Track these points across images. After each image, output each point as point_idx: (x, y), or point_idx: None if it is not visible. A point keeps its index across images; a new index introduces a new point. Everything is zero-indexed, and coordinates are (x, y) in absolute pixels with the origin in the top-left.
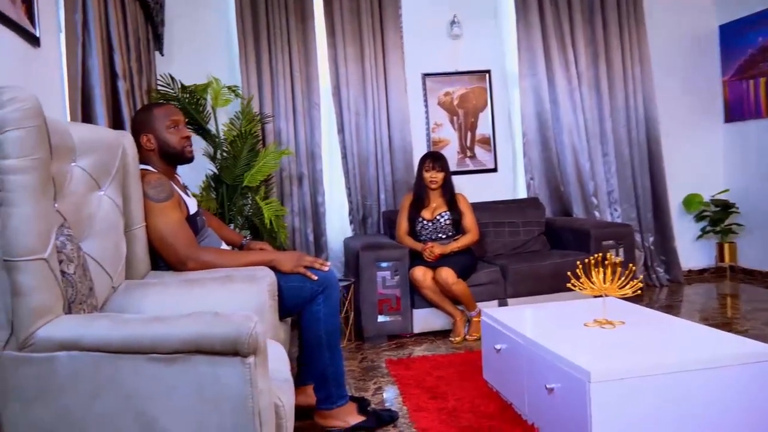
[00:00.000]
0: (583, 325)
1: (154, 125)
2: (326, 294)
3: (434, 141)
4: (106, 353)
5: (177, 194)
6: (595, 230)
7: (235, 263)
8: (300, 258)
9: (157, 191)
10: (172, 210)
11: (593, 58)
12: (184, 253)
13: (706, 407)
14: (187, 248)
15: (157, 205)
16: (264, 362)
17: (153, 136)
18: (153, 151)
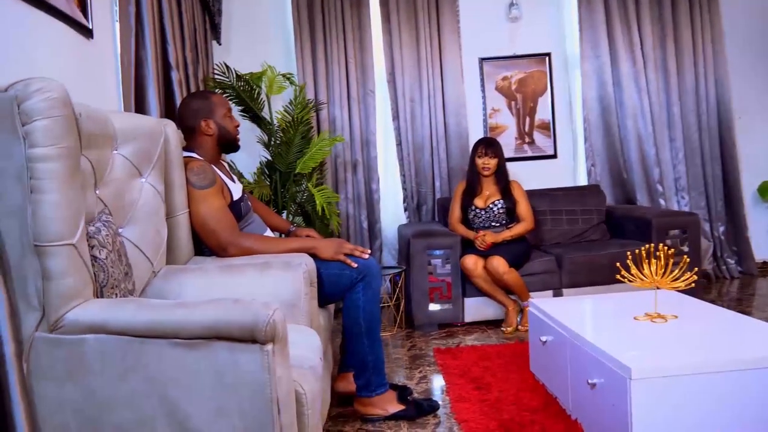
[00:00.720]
0: (633, 319)
1: (214, 112)
2: (366, 282)
3: (491, 127)
4: (132, 337)
5: (220, 181)
6: (657, 219)
7: (275, 249)
8: (340, 245)
9: (200, 178)
10: (214, 197)
11: (660, 38)
12: (225, 239)
13: (759, 409)
14: (228, 234)
15: (199, 192)
16: (283, 350)
17: (213, 122)
18: (211, 136)
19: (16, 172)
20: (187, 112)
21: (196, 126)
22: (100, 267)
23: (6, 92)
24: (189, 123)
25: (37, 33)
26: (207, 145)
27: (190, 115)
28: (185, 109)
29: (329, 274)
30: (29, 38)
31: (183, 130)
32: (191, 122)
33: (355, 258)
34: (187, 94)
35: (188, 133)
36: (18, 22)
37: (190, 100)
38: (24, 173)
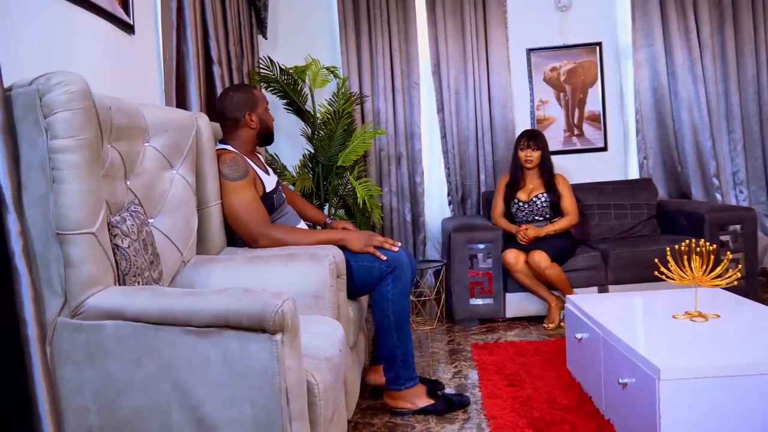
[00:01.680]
0: (672, 318)
1: (257, 105)
2: (395, 274)
3: (539, 119)
4: (146, 324)
5: (252, 173)
6: (709, 214)
7: (304, 241)
8: (370, 237)
9: (232, 170)
10: (246, 188)
11: (718, 24)
12: (256, 230)
13: None
14: (259, 225)
15: (231, 184)
16: (293, 340)
17: (255, 115)
18: (254, 129)
19: (40, 162)
20: (231, 104)
21: (240, 118)
22: (123, 255)
23: (30, 86)
24: (232, 115)
25: (79, 30)
26: (246, 137)
27: (234, 107)
28: (228, 101)
29: (359, 267)
30: (72, 36)
31: (221, 122)
32: (234, 114)
33: (385, 251)
34: (228, 87)
35: (227, 125)
36: (61, 20)
37: (233, 93)
38: (47, 164)
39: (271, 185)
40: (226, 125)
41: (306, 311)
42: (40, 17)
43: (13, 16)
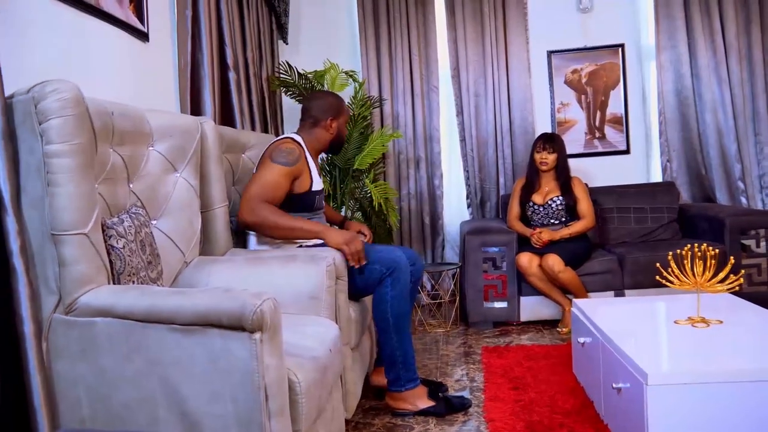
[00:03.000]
0: (674, 323)
1: (341, 116)
2: (394, 277)
3: (559, 122)
4: (135, 321)
5: (300, 169)
6: (730, 219)
7: (286, 224)
8: (350, 240)
9: (281, 155)
10: (280, 173)
11: (745, 25)
12: (246, 203)
13: None
14: (252, 199)
15: (270, 163)
16: (273, 339)
17: (336, 124)
18: (330, 135)
19: (37, 166)
20: (319, 105)
21: (321, 120)
22: (118, 255)
23: (27, 94)
24: (316, 114)
25: (94, 39)
26: (320, 138)
27: (321, 108)
28: (318, 101)
29: (359, 267)
30: (87, 45)
31: (303, 115)
32: (320, 115)
33: (384, 254)
34: (324, 90)
35: (308, 121)
36: (76, 30)
37: (327, 96)
38: (42, 168)
39: (318, 186)
40: (307, 120)
41: (303, 312)
42: (56, 28)
43: (29, 28)
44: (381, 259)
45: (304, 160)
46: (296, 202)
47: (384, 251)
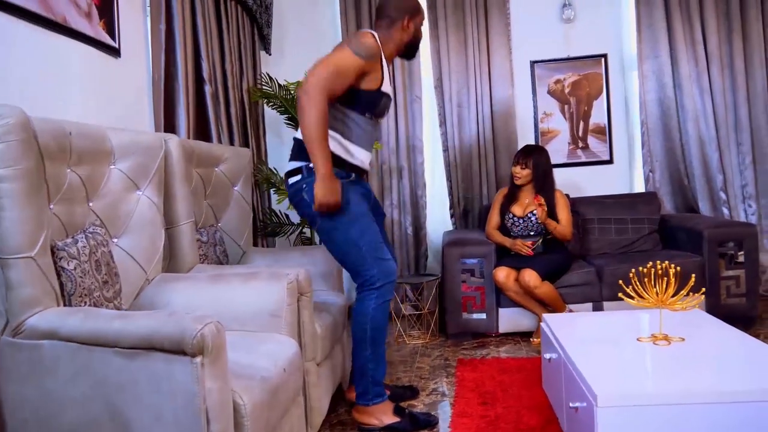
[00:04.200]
0: (636, 340)
1: (418, 16)
2: (382, 291)
3: (543, 132)
4: (79, 344)
5: (373, 65)
6: (708, 230)
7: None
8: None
9: (359, 47)
10: (351, 61)
11: (726, 35)
12: (308, 83)
13: None
14: (313, 82)
15: (346, 49)
16: (215, 362)
17: (413, 24)
18: (406, 34)
19: None
20: (398, 3)
21: (398, 19)
22: (68, 277)
23: None
24: (391, 13)
25: (62, 57)
26: (395, 39)
27: (397, 7)
28: (396, 0)
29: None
30: (55, 63)
31: (378, 15)
32: (394, 13)
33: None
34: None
35: (383, 21)
36: (43, 49)
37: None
38: None
39: (387, 89)
40: (382, 21)
41: (263, 329)
42: (20, 48)
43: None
44: (381, 266)
45: (377, 59)
46: (361, 99)
47: (388, 258)
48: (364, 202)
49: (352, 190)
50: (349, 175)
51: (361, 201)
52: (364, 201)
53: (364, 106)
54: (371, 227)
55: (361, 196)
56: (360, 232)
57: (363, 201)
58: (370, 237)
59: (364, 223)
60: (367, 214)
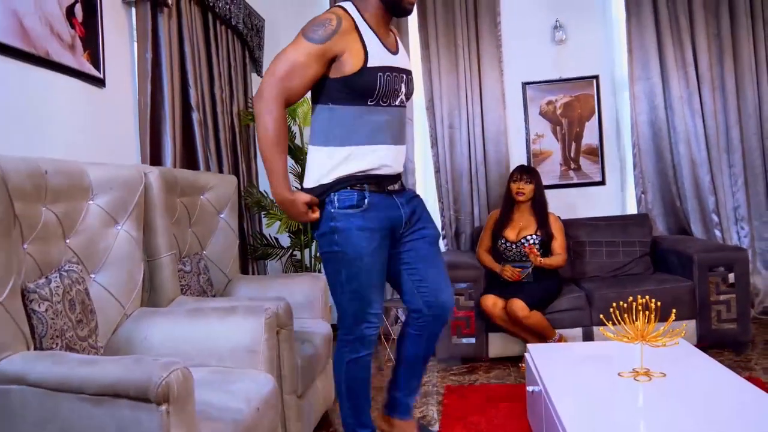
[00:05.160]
0: (617, 375)
1: None
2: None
3: (534, 153)
4: (47, 390)
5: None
6: (699, 255)
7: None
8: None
9: (311, 30)
10: (303, 51)
11: (717, 56)
12: (262, 85)
13: None
14: (267, 84)
15: (299, 38)
16: (182, 410)
17: None
18: None
19: None
20: None
21: None
22: (39, 320)
23: None
24: None
25: (44, 91)
26: (372, 1)
27: None
28: None
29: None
30: (38, 97)
31: None
32: None
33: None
34: None
35: None
36: (25, 83)
37: None
38: None
39: (380, 61)
40: None
41: (241, 365)
42: (3, 83)
43: None
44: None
45: (348, 32)
46: (345, 88)
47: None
48: (372, 236)
49: (353, 225)
50: (358, 197)
51: (363, 238)
52: (370, 235)
53: (356, 94)
54: (366, 273)
55: (370, 229)
56: (347, 278)
57: (368, 236)
58: (358, 285)
59: (356, 269)
60: (369, 256)
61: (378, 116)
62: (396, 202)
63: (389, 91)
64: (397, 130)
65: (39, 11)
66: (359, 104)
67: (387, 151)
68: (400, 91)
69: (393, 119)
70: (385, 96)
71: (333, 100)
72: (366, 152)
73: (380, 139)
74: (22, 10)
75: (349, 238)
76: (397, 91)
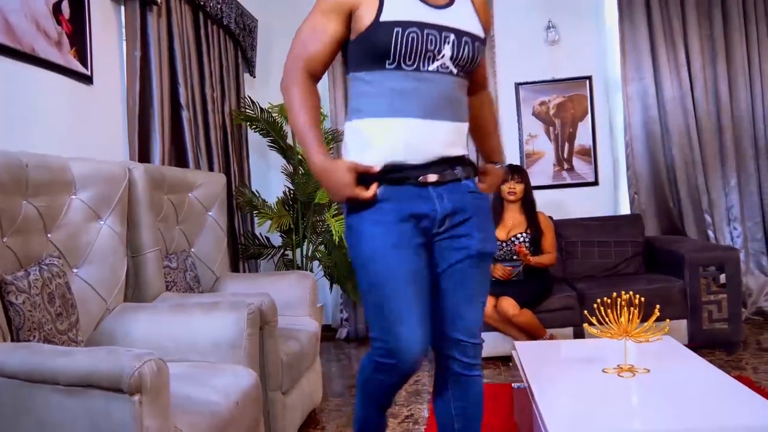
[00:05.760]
0: (602, 371)
1: None
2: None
3: (527, 153)
4: (21, 381)
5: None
6: (690, 254)
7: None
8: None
9: None
10: (316, 8)
11: (710, 57)
12: (285, 69)
13: None
14: (288, 58)
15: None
16: (155, 400)
17: None
18: None
19: None
20: None
21: None
22: (16, 312)
23: None
24: None
25: (31, 87)
26: None
27: None
28: None
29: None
30: (23, 94)
31: None
32: None
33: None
34: None
35: None
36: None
37: None
38: None
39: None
40: None
41: (223, 360)
42: None
43: None
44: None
45: None
46: (363, 50)
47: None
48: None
49: (365, 220)
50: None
51: (377, 235)
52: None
53: (372, 56)
54: (387, 279)
55: (385, 224)
56: (368, 284)
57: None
58: (379, 296)
59: (373, 275)
60: (387, 257)
61: (400, 83)
62: (430, 192)
63: (417, 51)
64: (435, 102)
65: (25, 8)
66: (377, 68)
67: (414, 126)
68: (440, 54)
69: (426, 88)
70: (408, 57)
71: (353, 67)
72: (383, 127)
73: (403, 110)
74: (8, 7)
75: (361, 236)
76: (434, 52)
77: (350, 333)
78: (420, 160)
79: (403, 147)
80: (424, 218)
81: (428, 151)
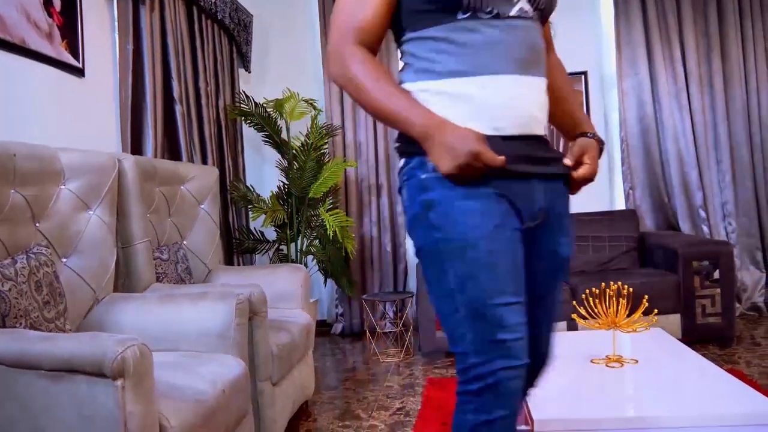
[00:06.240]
0: (590, 362)
1: None
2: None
3: None
4: (5, 366)
5: None
6: (683, 249)
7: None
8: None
9: None
10: None
11: (706, 53)
12: (330, 48)
13: None
14: (335, 42)
15: None
16: (138, 385)
17: None
18: None
19: None
20: None
21: None
22: (2, 299)
23: None
24: None
25: (21, 79)
26: None
27: None
28: None
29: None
30: (14, 85)
31: None
32: None
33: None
34: None
35: None
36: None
37: None
38: None
39: None
40: None
41: (211, 350)
42: None
43: None
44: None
45: None
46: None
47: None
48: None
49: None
50: None
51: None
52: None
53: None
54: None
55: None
56: (457, 280)
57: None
58: (476, 290)
59: (468, 264)
60: (488, 240)
61: (483, 34)
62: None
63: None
64: (527, 54)
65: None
66: (447, 22)
67: (511, 84)
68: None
69: (514, 38)
70: (484, 2)
71: (413, 27)
72: (474, 84)
73: (494, 66)
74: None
75: (450, 215)
76: (485, 8)
77: (345, 328)
78: (517, 128)
79: (491, 102)
80: (526, 204)
81: (527, 115)
